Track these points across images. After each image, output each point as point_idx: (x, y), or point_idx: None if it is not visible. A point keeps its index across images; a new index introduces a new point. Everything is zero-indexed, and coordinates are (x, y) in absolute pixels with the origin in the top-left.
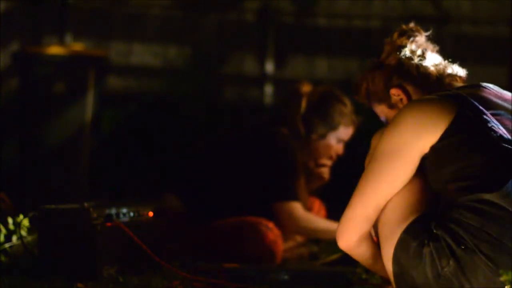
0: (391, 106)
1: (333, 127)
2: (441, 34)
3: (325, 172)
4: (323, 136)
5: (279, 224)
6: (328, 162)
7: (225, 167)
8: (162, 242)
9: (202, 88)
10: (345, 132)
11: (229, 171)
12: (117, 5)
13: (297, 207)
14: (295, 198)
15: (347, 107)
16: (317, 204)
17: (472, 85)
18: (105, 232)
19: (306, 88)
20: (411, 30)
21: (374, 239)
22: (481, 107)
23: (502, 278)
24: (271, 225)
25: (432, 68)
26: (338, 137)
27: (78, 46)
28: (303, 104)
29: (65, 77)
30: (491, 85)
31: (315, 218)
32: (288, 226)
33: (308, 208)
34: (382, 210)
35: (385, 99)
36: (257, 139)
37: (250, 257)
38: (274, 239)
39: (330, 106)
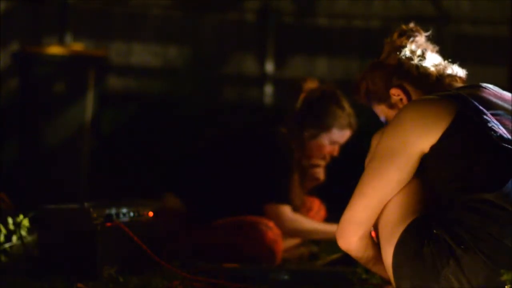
0: (391, 106)
1: (324, 129)
2: (441, 34)
3: (319, 172)
4: (315, 136)
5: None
6: (322, 163)
7: (225, 167)
8: (162, 242)
9: (202, 88)
10: (339, 134)
11: (229, 171)
12: (117, 5)
13: (284, 210)
14: (285, 200)
15: (344, 111)
16: (317, 204)
17: (472, 85)
18: (105, 232)
19: (309, 84)
20: (411, 30)
21: (373, 235)
22: (481, 107)
23: (502, 278)
24: (271, 224)
25: (432, 68)
26: (331, 139)
27: (78, 46)
28: (300, 100)
29: (65, 77)
30: (491, 86)
31: (302, 220)
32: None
33: (308, 208)
34: (382, 210)
35: (385, 99)
36: (256, 139)
37: (250, 256)
38: (274, 239)
39: (323, 107)
